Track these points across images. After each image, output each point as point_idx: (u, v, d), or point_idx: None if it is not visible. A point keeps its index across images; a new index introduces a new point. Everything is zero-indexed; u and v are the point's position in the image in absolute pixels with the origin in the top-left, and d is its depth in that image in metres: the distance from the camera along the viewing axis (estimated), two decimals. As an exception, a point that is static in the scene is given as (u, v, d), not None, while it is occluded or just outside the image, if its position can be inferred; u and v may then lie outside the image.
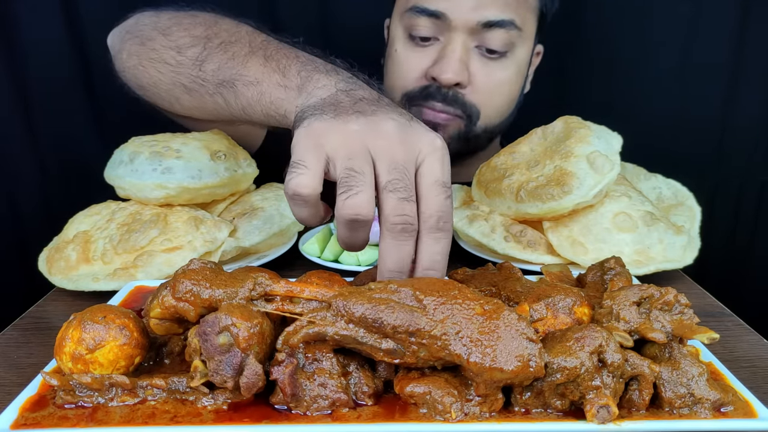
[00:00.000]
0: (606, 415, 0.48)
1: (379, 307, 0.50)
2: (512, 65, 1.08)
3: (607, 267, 0.65)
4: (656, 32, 1.41)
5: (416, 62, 1.07)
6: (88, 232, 0.84)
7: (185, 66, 0.80)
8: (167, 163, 0.83)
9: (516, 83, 1.11)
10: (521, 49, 1.08)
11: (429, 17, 1.04)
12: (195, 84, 0.80)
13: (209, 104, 0.80)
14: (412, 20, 1.06)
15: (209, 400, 0.51)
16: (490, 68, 1.06)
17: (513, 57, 1.07)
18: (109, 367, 0.52)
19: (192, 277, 0.54)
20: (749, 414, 0.49)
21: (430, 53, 1.06)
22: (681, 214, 0.94)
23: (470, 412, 0.49)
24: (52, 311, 0.77)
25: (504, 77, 1.08)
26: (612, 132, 0.89)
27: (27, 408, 0.51)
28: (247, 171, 0.90)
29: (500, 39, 1.03)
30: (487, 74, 1.06)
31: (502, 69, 1.07)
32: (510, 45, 1.05)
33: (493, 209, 0.89)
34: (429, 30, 1.05)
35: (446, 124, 1.08)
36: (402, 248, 0.55)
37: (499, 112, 1.11)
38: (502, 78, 1.07)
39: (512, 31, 1.04)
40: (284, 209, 0.90)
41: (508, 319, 0.49)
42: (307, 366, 0.52)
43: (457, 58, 1.03)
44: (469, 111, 1.07)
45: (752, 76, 1.43)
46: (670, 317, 0.53)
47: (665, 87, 1.45)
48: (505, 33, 1.03)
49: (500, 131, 1.16)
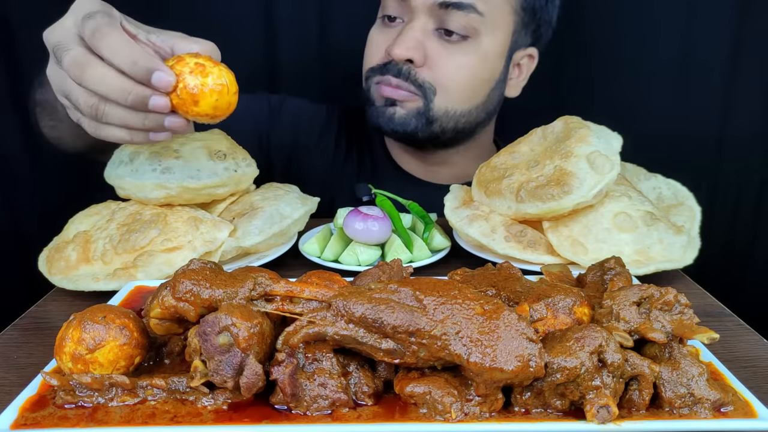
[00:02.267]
0: (606, 415, 0.48)
1: (379, 307, 0.50)
2: (474, 52, 1.07)
3: (607, 267, 0.65)
4: (656, 31, 1.41)
5: (381, 40, 1.10)
6: (88, 232, 0.84)
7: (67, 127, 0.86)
8: (167, 163, 0.83)
9: (479, 70, 1.09)
10: (487, 39, 1.07)
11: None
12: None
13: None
14: (384, 1, 1.11)
15: (209, 400, 0.51)
16: (448, 51, 1.06)
17: (476, 44, 1.06)
18: (109, 367, 0.52)
19: (192, 277, 0.54)
20: (749, 414, 0.50)
21: (394, 32, 1.08)
22: (681, 214, 0.94)
23: (470, 412, 0.49)
24: (52, 311, 0.77)
25: (463, 61, 1.07)
26: (612, 132, 0.89)
27: (27, 408, 0.51)
28: (247, 171, 0.90)
29: (459, 22, 1.04)
30: (444, 56, 1.06)
31: (461, 53, 1.07)
32: (471, 30, 1.05)
33: (493, 209, 0.89)
34: (395, 10, 1.09)
35: (403, 100, 1.09)
36: None
37: (461, 97, 1.10)
38: (461, 62, 1.07)
39: (472, 14, 1.04)
40: (284, 209, 0.90)
41: (508, 319, 0.49)
42: (307, 366, 0.52)
43: (411, 36, 1.05)
44: (423, 88, 1.07)
45: (752, 76, 1.43)
46: (670, 317, 0.53)
47: (665, 87, 1.45)
48: (464, 16, 1.03)
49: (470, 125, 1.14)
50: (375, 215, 0.88)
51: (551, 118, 0.93)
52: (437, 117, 1.10)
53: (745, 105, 1.45)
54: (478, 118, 1.15)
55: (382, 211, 0.91)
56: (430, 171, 1.22)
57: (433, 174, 1.22)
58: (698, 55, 1.42)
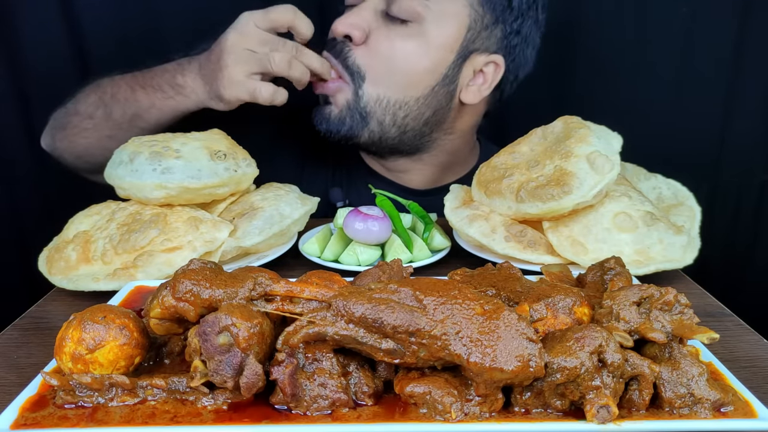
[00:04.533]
0: (606, 415, 0.48)
1: (379, 307, 0.50)
2: (416, 37, 1.04)
3: (607, 267, 0.65)
4: (657, 32, 1.41)
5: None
6: (88, 232, 0.84)
7: (100, 123, 1.06)
8: (167, 163, 0.83)
9: (418, 57, 1.05)
10: (433, 26, 1.04)
11: None
12: (114, 130, 1.05)
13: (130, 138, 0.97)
14: None
15: (209, 400, 0.51)
16: (389, 33, 1.05)
17: (419, 30, 1.04)
18: (109, 367, 0.52)
19: (192, 277, 0.54)
20: (749, 414, 0.50)
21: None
22: (681, 214, 0.94)
23: (470, 412, 0.49)
24: (52, 311, 0.77)
25: (401, 46, 1.04)
26: (612, 132, 0.89)
27: (27, 408, 0.51)
28: (247, 171, 0.90)
29: (403, 5, 1.03)
30: (383, 38, 1.05)
31: (401, 38, 1.04)
32: (415, 14, 1.03)
33: (493, 209, 0.89)
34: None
35: (334, 92, 1.07)
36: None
37: (395, 84, 1.06)
38: (399, 46, 1.04)
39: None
40: (284, 209, 0.90)
41: (508, 319, 0.49)
42: (307, 366, 0.52)
43: (357, 13, 1.04)
44: (351, 71, 1.06)
45: (752, 76, 1.43)
46: (670, 317, 0.53)
47: (665, 87, 1.45)
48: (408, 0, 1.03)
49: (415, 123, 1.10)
50: (375, 215, 0.88)
51: (551, 118, 0.93)
52: (370, 109, 1.07)
53: (746, 105, 1.45)
54: (423, 115, 1.10)
55: (382, 211, 0.91)
56: (399, 176, 1.20)
57: (402, 179, 1.20)
58: (699, 55, 1.42)
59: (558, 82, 1.45)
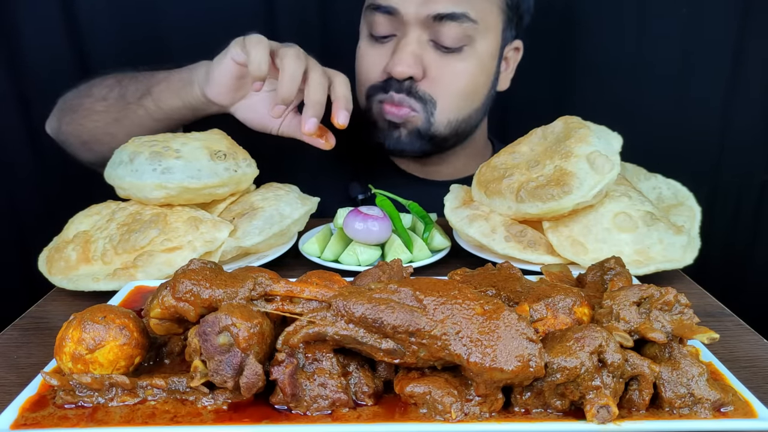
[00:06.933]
0: (606, 415, 0.48)
1: (379, 307, 0.50)
2: (471, 58, 1.07)
3: (607, 267, 0.65)
4: (657, 31, 1.41)
5: (376, 58, 1.10)
6: (88, 232, 0.84)
7: (113, 104, 1.04)
8: (167, 163, 0.83)
9: (477, 76, 1.10)
10: (482, 42, 1.08)
11: (384, 14, 1.06)
12: (123, 112, 1.02)
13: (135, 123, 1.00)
14: (371, 18, 1.09)
15: (209, 400, 0.51)
16: (446, 60, 1.06)
17: (472, 50, 1.07)
18: (109, 367, 0.52)
19: (192, 277, 0.54)
20: (749, 414, 0.50)
21: (387, 49, 1.08)
22: (681, 214, 0.94)
23: (470, 412, 0.49)
24: (52, 311, 0.77)
25: (461, 69, 1.07)
26: (612, 132, 0.89)
27: (27, 408, 0.51)
28: (247, 171, 0.90)
29: (454, 32, 1.04)
30: (442, 66, 1.06)
31: (459, 60, 1.07)
32: (466, 38, 1.05)
33: (493, 209, 0.89)
34: (386, 27, 1.07)
35: (405, 120, 1.09)
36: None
37: (459, 105, 1.10)
38: (459, 69, 1.07)
39: (466, 23, 1.04)
40: (284, 209, 0.90)
41: (508, 319, 0.49)
42: (307, 366, 0.52)
43: (409, 51, 1.04)
44: (424, 102, 1.08)
45: (752, 76, 1.43)
46: (670, 317, 0.53)
47: (665, 87, 1.45)
48: (458, 26, 1.03)
49: (469, 127, 1.15)
50: (375, 215, 0.88)
51: (551, 118, 0.93)
52: (438, 132, 1.10)
53: (746, 105, 1.45)
54: (477, 120, 1.16)
55: (382, 211, 0.91)
56: (428, 170, 1.23)
57: (431, 173, 1.23)
58: (700, 55, 1.42)
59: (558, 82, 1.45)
